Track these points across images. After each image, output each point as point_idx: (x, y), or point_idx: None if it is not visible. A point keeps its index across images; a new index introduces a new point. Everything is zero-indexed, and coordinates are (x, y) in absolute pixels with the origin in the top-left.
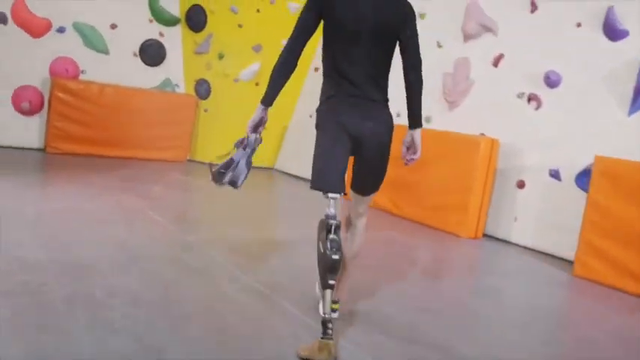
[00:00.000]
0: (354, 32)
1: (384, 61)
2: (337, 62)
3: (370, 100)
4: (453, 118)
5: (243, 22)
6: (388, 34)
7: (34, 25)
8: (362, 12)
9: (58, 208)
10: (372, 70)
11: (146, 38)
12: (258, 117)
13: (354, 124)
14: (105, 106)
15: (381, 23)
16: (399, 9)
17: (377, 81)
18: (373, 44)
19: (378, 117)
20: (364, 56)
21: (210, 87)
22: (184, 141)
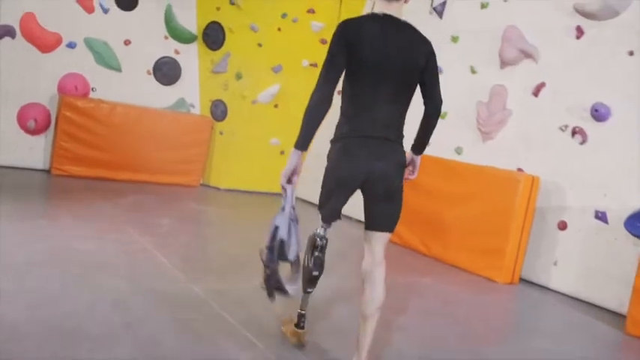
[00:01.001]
0: (377, 71)
1: (403, 102)
2: (357, 100)
3: (385, 140)
4: (486, 151)
5: (263, 40)
6: (411, 75)
7: (44, 40)
8: (387, 51)
9: (52, 249)
10: (392, 109)
11: (161, 56)
12: (293, 165)
13: (365, 165)
14: (115, 127)
15: (406, 63)
16: (423, 49)
17: (394, 121)
18: (395, 84)
19: (390, 158)
20: (385, 96)
21: (227, 108)
22: (198, 165)
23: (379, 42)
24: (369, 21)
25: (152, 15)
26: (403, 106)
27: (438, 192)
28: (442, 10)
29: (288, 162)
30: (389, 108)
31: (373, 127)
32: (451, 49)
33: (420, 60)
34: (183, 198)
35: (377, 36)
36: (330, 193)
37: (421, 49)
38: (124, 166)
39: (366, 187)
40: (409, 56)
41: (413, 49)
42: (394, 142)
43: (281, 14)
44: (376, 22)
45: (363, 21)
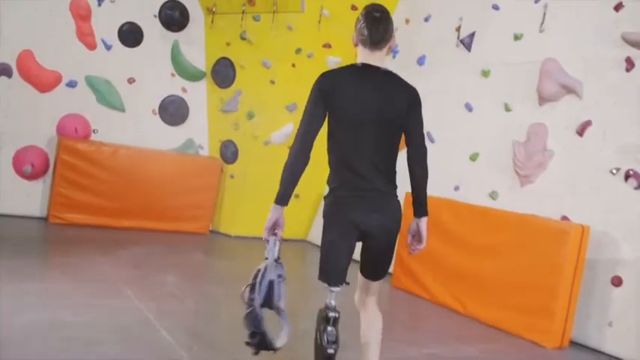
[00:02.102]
0: (358, 122)
1: (390, 150)
2: (343, 153)
3: (377, 192)
4: (526, 196)
5: (276, 77)
6: (394, 122)
7: (42, 78)
8: (366, 100)
9: (37, 322)
10: (379, 159)
11: (167, 94)
12: (274, 219)
13: (361, 218)
14: (118, 171)
15: (386, 112)
16: (404, 96)
17: (384, 171)
18: (379, 133)
19: (385, 209)
20: (370, 146)
21: (238, 150)
22: (207, 211)
23: (356, 93)
24: (348, 72)
25: (158, 51)
26: (389, 155)
27: (472, 242)
28: (470, 43)
29: (269, 216)
30: (373, 158)
31: (362, 179)
32: (482, 85)
33: (401, 109)
34: (190, 248)
35: (354, 87)
36: (331, 250)
37: (402, 96)
38: (126, 214)
39: (365, 242)
40: (389, 106)
41: (394, 98)
42: (387, 194)
43: (295, 49)
44: (354, 73)
45: (342, 72)
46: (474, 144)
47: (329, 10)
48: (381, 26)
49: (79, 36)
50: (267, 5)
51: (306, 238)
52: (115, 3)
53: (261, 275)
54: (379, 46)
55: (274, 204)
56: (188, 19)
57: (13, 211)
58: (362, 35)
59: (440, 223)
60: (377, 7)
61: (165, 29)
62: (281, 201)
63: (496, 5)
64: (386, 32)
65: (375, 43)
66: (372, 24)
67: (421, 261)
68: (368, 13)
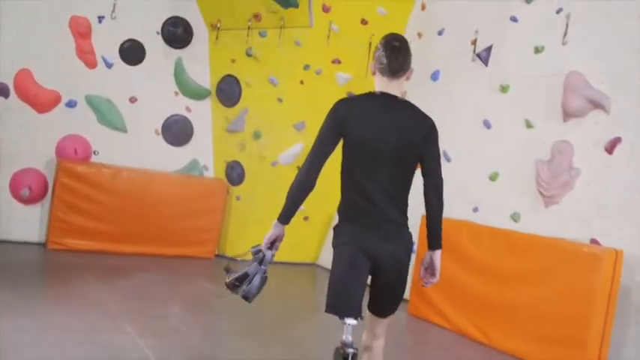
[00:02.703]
0: (374, 150)
1: (404, 180)
2: (356, 181)
3: (389, 222)
4: (551, 218)
5: (283, 95)
6: (410, 152)
7: (41, 98)
8: (384, 128)
9: None
10: (393, 189)
11: (170, 114)
12: (275, 234)
13: (373, 248)
14: (119, 194)
15: (404, 141)
16: (422, 127)
17: (397, 201)
18: (394, 163)
19: (397, 240)
20: (384, 175)
21: (244, 171)
22: (213, 234)
23: (373, 121)
24: (365, 99)
25: (160, 69)
26: (403, 186)
27: (494, 268)
28: (487, 57)
29: (270, 230)
30: (387, 188)
31: (375, 209)
32: (500, 100)
33: (417, 139)
34: (195, 275)
35: (371, 115)
36: (344, 279)
37: (419, 126)
38: (128, 238)
39: (376, 273)
40: (405, 136)
41: (410, 128)
42: (399, 226)
43: (303, 65)
44: (371, 101)
45: (360, 99)
46: (493, 163)
47: (338, 24)
48: (400, 55)
49: (78, 54)
50: (274, 20)
51: (315, 261)
52: (116, 19)
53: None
54: (397, 75)
55: (276, 221)
56: (192, 36)
57: (10, 236)
58: (380, 64)
59: (459, 247)
60: (396, 37)
61: (168, 46)
62: (283, 219)
63: (514, 17)
64: (405, 62)
65: (394, 72)
66: (391, 53)
67: (439, 287)
68: (387, 42)
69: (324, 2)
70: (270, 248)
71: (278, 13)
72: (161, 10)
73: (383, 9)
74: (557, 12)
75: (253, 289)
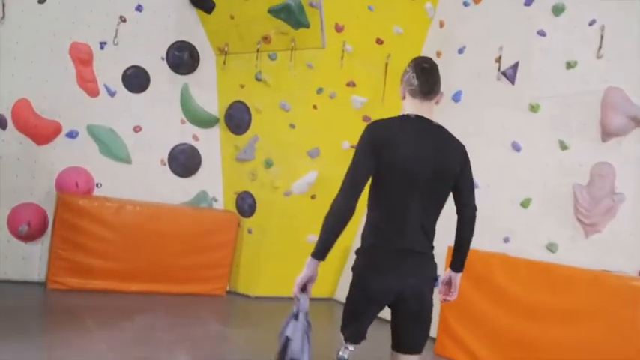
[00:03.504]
0: (410, 177)
1: (436, 209)
2: (385, 208)
3: (416, 253)
4: (591, 248)
5: (296, 121)
6: (446, 181)
7: (40, 130)
8: (418, 156)
9: None
10: (423, 217)
11: (177, 143)
12: (308, 275)
13: (395, 282)
14: (123, 229)
15: (440, 168)
16: (457, 154)
17: (426, 229)
18: (429, 191)
19: (422, 273)
20: (417, 203)
21: (256, 202)
22: (223, 270)
23: (410, 146)
24: (400, 123)
25: (166, 97)
26: (435, 215)
27: (530, 304)
28: (514, 74)
29: (304, 270)
30: (420, 217)
31: (403, 239)
32: (530, 121)
33: (454, 166)
34: (205, 315)
35: (408, 140)
36: (357, 311)
37: (456, 154)
38: (134, 276)
39: (397, 305)
40: (443, 161)
41: (447, 154)
42: (426, 255)
43: (316, 89)
44: (407, 125)
45: (394, 123)
46: (525, 188)
47: (352, 45)
48: (431, 77)
49: (79, 82)
50: (284, 42)
51: (332, 296)
52: (119, 45)
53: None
54: (429, 97)
55: (310, 257)
56: (198, 61)
57: (7, 275)
58: (411, 85)
59: (490, 281)
60: (426, 59)
61: (174, 72)
62: (319, 254)
63: (542, 31)
64: (435, 83)
65: (425, 93)
66: (421, 74)
67: (469, 324)
68: (417, 64)
69: (336, 21)
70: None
71: (288, 35)
72: (166, 35)
73: (399, 28)
74: (589, 24)
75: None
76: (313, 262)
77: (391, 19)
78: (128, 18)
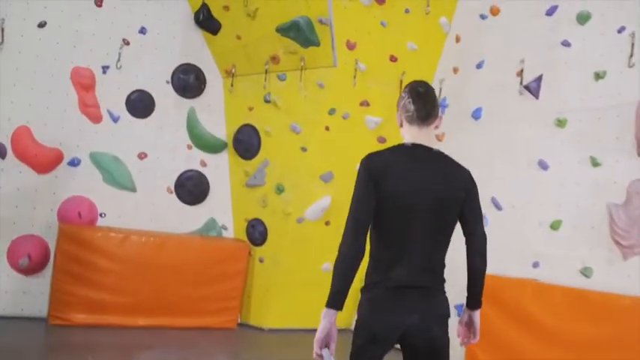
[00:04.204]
0: (410, 209)
1: (442, 240)
2: (387, 243)
3: (419, 289)
4: (631, 272)
5: (307, 144)
6: (449, 209)
7: (41, 158)
8: (418, 186)
9: None
10: (429, 251)
11: (184, 169)
12: (327, 329)
13: (398, 320)
14: (129, 260)
15: (442, 197)
16: (461, 181)
17: (433, 263)
18: (432, 221)
19: (430, 310)
20: (420, 235)
21: (267, 229)
22: (234, 301)
23: (408, 176)
24: (396, 153)
25: (172, 121)
26: (441, 247)
27: (564, 334)
28: (538, 88)
29: (321, 325)
30: (425, 251)
31: (408, 275)
32: (557, 137)
33: (457, 193)
34: (216, 350)
35: (404, 171)
36: (362, 353)
37: (458, 181)
38: (140, 310)
39: (404, 346)
40: (444, 190)
41: (449, 182)
42: (434, 290)
43: (328, 110)
44: (404, 154)
45: (389, 153)
46: (554, 209)
47: (365, 62)
48: (427, 101)
49: (81, 108)
50: (294, 62)
51: (349, 327)
52: (122, 69)
53: None
54: (427, 122)
55: (326, 308)
56: (205, 84)
57: (7, 311)
58: (407, 111)
59: (521, 309)
60: (420, 83)
61: (180, 96)
62: (334, 303)
63: (566, 41)
64: (433, 108)
65: (423, 118)
66: (417, 98)
67: (499, 356)
68: (412, 88)
69: (348, 38)
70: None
71: (298, 54)
72: (171, 58)
73: (413, 44)
74: (618, 31)
75: None
76: (329, 312)
77: (405, 35)
78: (131, 41)
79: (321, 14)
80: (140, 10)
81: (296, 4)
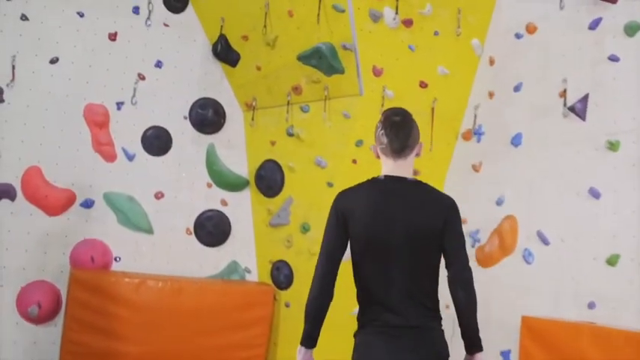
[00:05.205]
0: (383, 245)
1: (428, 275)
2: (368, 285)
3: (412, 328)
4: None
5: (334, 178)
6: (428, 242)
7: (52, 199)
8: (391, 219)
9: None
10: (412, 288)
11: (204, 209)
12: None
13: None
14: (145, 308)
15: (417, 231)
16: (439, 208)
17: (421, 302)
18: (410, 257)
19: (422, 349)
20: (401, 274)
21: (293, 272)
22: (259, 350)
23: (374, 211)
24: (368, 187)
25: (190, 159)
26: (426, 282)
27: None
28: (584, 109)
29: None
30: (405, 287)
31: (393, 316)
32: (609, 161)
33: (434, 223)
34: None
35: (374, 205)
36: None
37: (435, 210)
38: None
39: None
40: (418, 221)
41: (423, 212)
42: (425, 329)
43: (355, 141)
44: (374, 188)
45: (361, 188)
46: (610, 242)
47: (393, 89)
48: (401, 132)
49: (95, 146)
50: (317, 91)
51: None
52: (137, 105)
53: None
54: (402, 155)
55: (300, 346)
56: (224, 118)
57: None
58: (381, 144)
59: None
60: (396, 111)
61: (198, 132)
62: (307, 342)
63: (614, 56)
64: (408, 137)
65: (397, 151)
66: (390, 130)
67: None
68: (386, 117)
69: (374, 64)
70: None
71: (321, 83)
72: (188, 92)
73: (444, 68)
74: None
75: None
76: (301, 350)
77: (435, 59)
78: (147, 75)
79: (344, 39)
80: (156, 44)
81: (317, 29)
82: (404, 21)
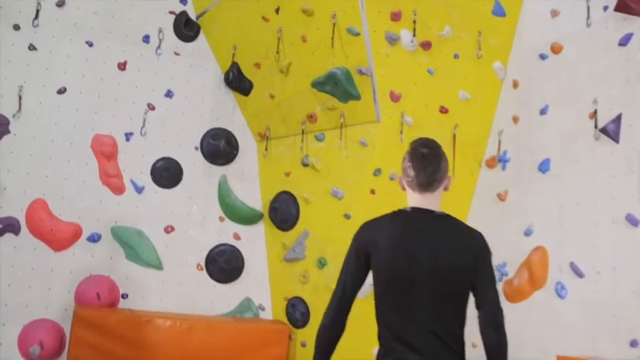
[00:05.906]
0: (408, 282)
1: (455, 314)
2: (391, 322)
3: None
4: None
5: (351, 210)
6: (456, 279)
7: (57, 234)
8: (417, 254)
9: None
10: (439, 328)
11: (215, 244)
12: None
13: None
14: (153, 347)
15: (444, 268)
16: (468, 246)
17: (446, 341)
18: (437, 295)
19: None
20: (425, 312)
21: (309, 309)
22: None
23: (402, 246)
24: (393, 219)
25: (201, 191)
26: (452, 318)
27: None
28: (617, 130)
29: None
30: (430, 325)
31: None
32: None
33: (464, 259)
34: None
35: (401, 237)
36: None
37: (465, 248)
38: None
39: None
40: (446, 256)
41: (452, 247)
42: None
43: (373, 170)
44: (400, 221)
45: (386, 220)
46: None
47: (412, 116)
48: (430, 166)
49: (102, 178)
50: (333, 119)
51: None
52: (147, 136)
53: None
54: (429, 189)
55: None
56: (237, 149)
57: None
58: (408, 177)
59: None
60: (425, 142)
61: (210, 163)
62: None
63: None
64: (437, 172)
65: (423, 186)
66: (418, 163)
67: None
68: (414, 149)
69: (391, 89)
70: None
71: (337, 110)
72: (199, 122)
73: (465, 92)
74: None
75: None
76: None
77: (455, 83)
78: (157, 105)
79: (360, 64)
80: (166, 73)
81: (332, 54)
82: (422, 44)
